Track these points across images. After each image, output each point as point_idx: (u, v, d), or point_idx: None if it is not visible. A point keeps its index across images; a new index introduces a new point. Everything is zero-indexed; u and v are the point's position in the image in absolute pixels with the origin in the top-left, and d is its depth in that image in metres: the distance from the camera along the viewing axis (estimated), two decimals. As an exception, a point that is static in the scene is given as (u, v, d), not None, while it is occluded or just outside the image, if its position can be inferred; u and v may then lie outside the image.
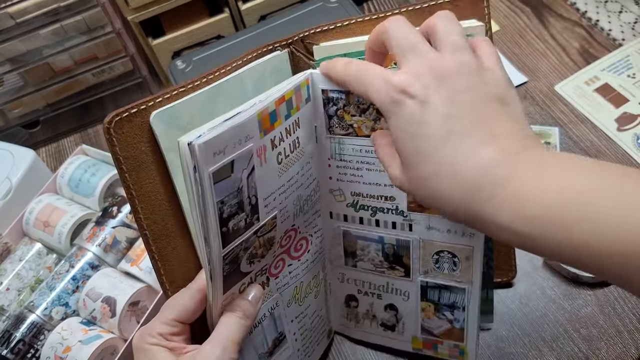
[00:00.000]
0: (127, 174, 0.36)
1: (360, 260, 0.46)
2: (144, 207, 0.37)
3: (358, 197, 0.44)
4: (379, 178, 0.42)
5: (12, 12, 0.66)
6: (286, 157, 0.39)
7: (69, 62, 0.74)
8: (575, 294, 0.54)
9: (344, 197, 0.44)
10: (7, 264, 0.61)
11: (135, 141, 0.36)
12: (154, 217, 0.37)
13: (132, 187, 0.36)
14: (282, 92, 0.36)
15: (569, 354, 0.51)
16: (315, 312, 0.47)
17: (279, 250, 0.42)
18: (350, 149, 0.42)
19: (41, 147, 0.81)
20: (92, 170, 0.65)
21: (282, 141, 0.38)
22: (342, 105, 0.40)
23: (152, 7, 0.73)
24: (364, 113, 0.40)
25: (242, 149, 0.34)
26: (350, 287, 0.48)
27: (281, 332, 0.44)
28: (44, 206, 0.63)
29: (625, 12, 0.77)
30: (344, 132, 0.41)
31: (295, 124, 0.39)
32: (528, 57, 0.75)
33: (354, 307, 0.49)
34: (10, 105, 0.75)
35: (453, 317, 0.45)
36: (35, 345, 0.55)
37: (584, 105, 0.68)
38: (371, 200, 0.44)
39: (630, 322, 0.52)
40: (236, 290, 0.38)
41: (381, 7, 0.86)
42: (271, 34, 0.74)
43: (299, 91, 0.39)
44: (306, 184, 0.42)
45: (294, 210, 0.41)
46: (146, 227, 0.37)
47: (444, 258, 0.43)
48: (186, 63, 0.73)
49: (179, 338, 0.37)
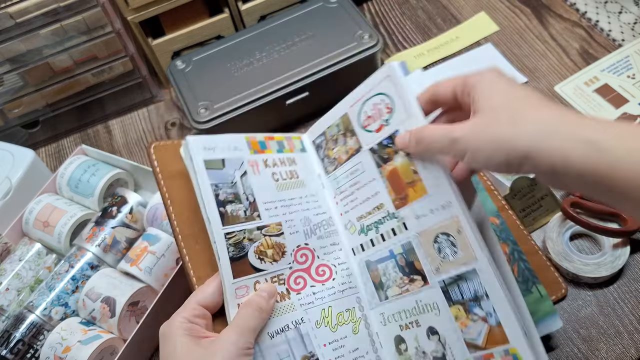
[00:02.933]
0: (163, 182, 0.46)
1: (388, 288, 0.47)
2: (175, 211, 0.45)
3: (362, 219, 0.48)
4: (367, 192, 0.47)
5: (12, 12, 0.66)
6: (283, 180, 0.48)
7: (69, 62, 0.74)
8: (574, 295, 0.54)
9: (354, 227, 0.48)
10: (6, 264, 0.61)
11: (169, 161, 0.47)
12: (182, 220, 0.45)
13: (167, 195, 0.46)
14: (272, 134, 0.49)
15: (568, 355, 0.51)
16: (358, 349, 0.47)
17: (295, 265, 0.46)
18: (342, 179, 0.49)
19: (41, 147, 0.81)
20: (91, 171, 0.65)
21: (275, 165, 0.48)
22: (324, 145, 0.50)
23: (152, 7, 0.73)
24: (337, 143, 0.50)
25: (231, 154, 0.46)
26: (393, 326, 0.47)
27: (312, 352, 0.45)
28: (44, 206, 0.63)
29: (625, 13, 0.77)
30: (333, 167, 0.50)
31: (290, 160, 0.49)
32: (528, 57, 0.75)
33: (405, 350, 0.48)
34: (10, 105, 0.75)
35: (484, 312, 0.44)
36: (35, 345, 0.55)
37: (584, 105, 0.68)
38: (370, 216, 0.47)
39: (630, 323, 0.52)
40: (251, 285, 0.43)
41: (381, 7, 0.86)
42: (271, 34, 0.74)
43: (291, 140, 0.50)
44: (313, 211, 0.48)
45: (304, 229, 0.47)
46: (177, 227, 0.45)
47: (442, 243, 0.43)
48: (186, 63, 0.73)
49: (202, 322, 0.41)
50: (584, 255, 0.55)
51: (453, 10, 0.83)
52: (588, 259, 0.55)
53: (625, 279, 0.54)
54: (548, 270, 0.52)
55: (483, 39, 0.78)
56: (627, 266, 0.55)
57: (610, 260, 0.54)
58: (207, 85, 0.70)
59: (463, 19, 0.81)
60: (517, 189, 0.59)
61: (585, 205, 0.56)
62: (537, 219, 0.59)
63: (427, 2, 0.85)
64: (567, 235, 0.57)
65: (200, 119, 0.67)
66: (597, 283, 0.54)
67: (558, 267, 0.55)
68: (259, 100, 0.68)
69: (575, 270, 0.54)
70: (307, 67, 0.69)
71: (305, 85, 0.69)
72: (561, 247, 0.56)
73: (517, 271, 0.52)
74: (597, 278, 0.53)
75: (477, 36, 0.79)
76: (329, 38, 0.71)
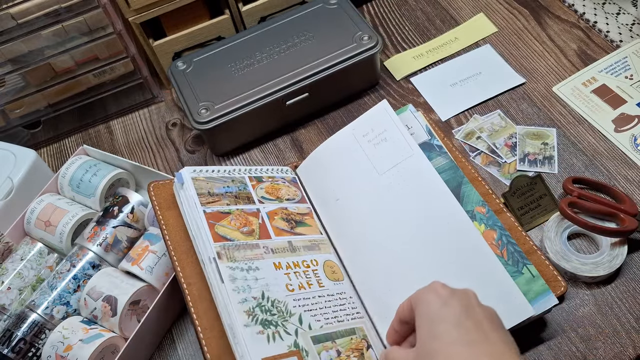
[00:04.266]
0: (159, 211, 0.55)
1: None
2: (170, 234, 0.54)
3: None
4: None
5: (14, 13, 0.67)
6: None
7: (70, 63, 0.74)
8: (572, 294, 0.55)
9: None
10: (8, 263, 0.62)
11: (165, 194, 0.57)
12: (176, 240, 0.53)
13: (162, 221, 0.55)
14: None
15: (566, 354, 0.51)
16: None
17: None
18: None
19: (42, 148, 0.81)
20: (93, 171, 0.66)
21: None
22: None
23: (153, 8, 0.74)
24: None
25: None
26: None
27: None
28: (45, 206, 0.64)
29: (623, 14, 0.77)
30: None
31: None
32: (526, 58, 0.75)
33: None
34: (12, 105, 0.75)
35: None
36: (36, 344, 0.56)
37: (582, 106, 0.68)
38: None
39: (628, 322, 0.52)
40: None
41: (380, 8, 0.86)
42: (271, 35, 0.75)
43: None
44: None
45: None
46: (171, 247, 0.53)
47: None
48: (187, 64, 0.74)
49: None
50: (582, 254, 0.56)
51: (452, 11, 0.84)
52: (586, 259, 0.55)
53: (622, 279, 0.55)
54: (547, 268, 0.53)
55: (481, 40, 0.79)
56: (625, 266, 0.55)
57: (608, 259, 0.54)
58: (208, 86, 0.71)
59: (462, 20, 0.82)
60: (516, 186, 0.59)
61: (583, 205, 0.57)
62: (535, 218, 0.59)
63: (426, 3, 0.86)
64: (565, 235, 0.57)
65: (201, 119, 0.67)
66: (595, 282, 0.55)
67: (556, 267, 0.55)
68: (259, 101, 0.68)
69: (573, 269, 0.54)
70: (307, 68, 0.69)
71: (305, 86, 0.69)
72: (559, 246, 0.56)
73: (507, 254, 0.53)
74: (595, 277, 0.54)
75: (475, 37, 0.79)
76: (328, 39, 0.72)
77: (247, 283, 0.47)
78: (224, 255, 0.49)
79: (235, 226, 0.52)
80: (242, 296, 0.46)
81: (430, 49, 0.79)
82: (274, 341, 0.45)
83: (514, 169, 0.64)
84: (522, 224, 0.58)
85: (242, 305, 0.46)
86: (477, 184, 0.58)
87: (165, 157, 0.76)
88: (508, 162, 0.65)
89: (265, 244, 0.52)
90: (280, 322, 0.46)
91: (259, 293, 0.47)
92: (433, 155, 0.60)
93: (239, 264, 0.49)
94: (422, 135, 0.62)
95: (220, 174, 0.57)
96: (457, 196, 0.56)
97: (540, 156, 0.65)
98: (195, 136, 0.77)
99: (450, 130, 0.70)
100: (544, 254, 0.55)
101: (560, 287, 0.52)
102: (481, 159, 0.66)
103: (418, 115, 0.63)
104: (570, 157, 0.64)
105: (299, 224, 0.56)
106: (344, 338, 0.47)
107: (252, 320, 0.45)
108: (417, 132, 0.62)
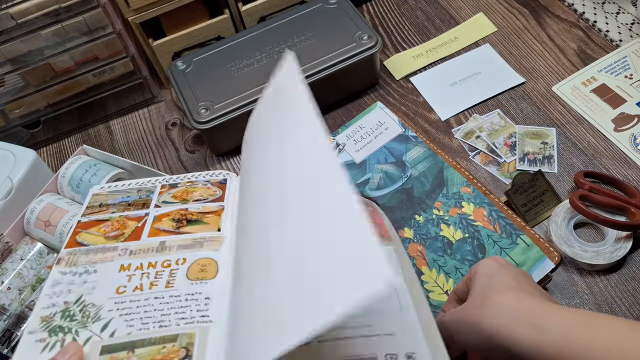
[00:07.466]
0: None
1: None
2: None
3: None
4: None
5: (13, 13, 0.67)
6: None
7: (70, 63, 0.74)
8: (572, 293, 0.55)
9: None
10: (8, 263, 0.62)
11: None
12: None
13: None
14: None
15: (566, 353, 0.52)
16: None
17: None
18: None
19: (42, 147, 0.81)
20: (93, 170, 0.66)
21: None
22: None
23: (153, 8, 0.74)
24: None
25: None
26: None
27: None
28: (45, 206, 0.64)
29: (622, 13, 0.77)
30: None
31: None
32: (526, 58, 0.75)
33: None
34: (12, 105, 0.75)
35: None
36: (37, 343, 0.56)
37: (581, 105, 0.68)
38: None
39: (627, 321, 0.52)
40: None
41: (380, 8, 0.86)
42: (271, 35, 0.75)
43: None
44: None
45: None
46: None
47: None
48: (186, 64, 0.74)
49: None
50: (585, 242, 0.56)
51: (451, 11, 0.84)
52: (588, 246, 0.55)
53: (623, 277, 0.55)
54: (539, 241, 0.54)
55: (481, 39, 0.79)
56: (626, 264, 0.55)
57: (610, 250, 0.54)
58: (208, 86, 0.71)
59: (461, 19, 0.82)
60: (518, 184, 0.60)
61: (594, 198, 0.57)
62: (539, 214, 0.60)
63: (425, 3, 0.86)
64: (572, 223, 0.58)
65: (201, 119, 0.67)
66: (590, 273, 0.55)
67: (556, 250, 0.55)
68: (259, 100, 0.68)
69: (573, 254, 0.55)
70: (307, 67, 0.69)
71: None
72: (564, 231, 0.56)
73: (499, 228, 0.55)
74: (593, 265, 0.54)
75: (475, 37, 0.79)
76: (328, 39, 0.72)
77: (69, 287, 0.45)
78: (63, 260, 0.47)
79: (103, 232, 0.50)
80: (51, 301, 0.44)
81: (429, 49, 0.79)
82: (49, 351, 0.42)
83: (514, 168, 0.65)
84: (526, 220, 0.59)
85: (44, 310, 0.44)
86: (458, 170, 0.61)
87: (165, 157, 0.76)
88: (507, 162, 0.65)
89: (126, 246, 0.49)
90: (76, 329, 0.43)
91: (76, 297, 0.45)
92: (410, 146, 0.63)
93: (75, 268, 0.47)
94: (396, 128, 0.65)
95: (132, 186, 0.56)
96: (440, 181, 0.59)
97: (540, 156, 0.65)
98: (195, 136, 0.77)
99: (450, 129, 0.70)
100: (548, 236, 0.56)
101: (554, 257, 0.53)
102: (480, 159, 0.66)
103: (388, 110, 0.67)
104: (569, 157, 0.64)
105: (193, 223, 0.52)
106: (150, 347, 0.42)
107: (43, 327, 0.43)
108: (391, 127, 0.65)
